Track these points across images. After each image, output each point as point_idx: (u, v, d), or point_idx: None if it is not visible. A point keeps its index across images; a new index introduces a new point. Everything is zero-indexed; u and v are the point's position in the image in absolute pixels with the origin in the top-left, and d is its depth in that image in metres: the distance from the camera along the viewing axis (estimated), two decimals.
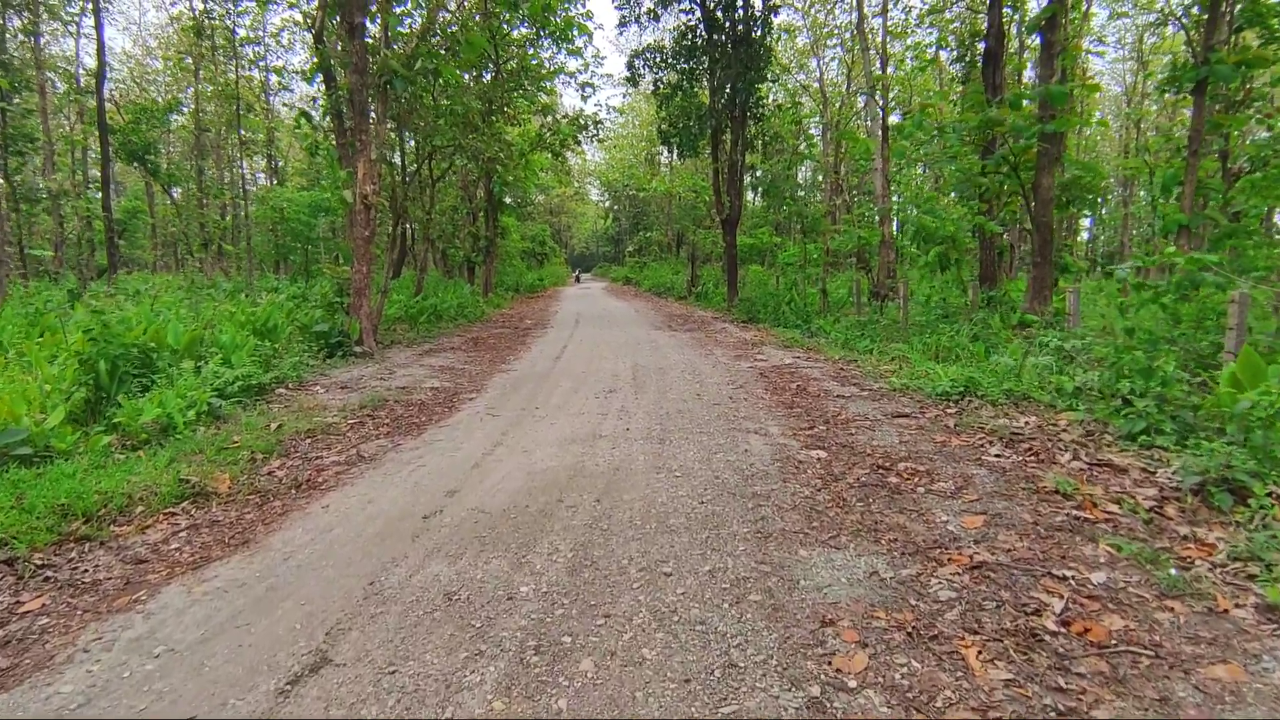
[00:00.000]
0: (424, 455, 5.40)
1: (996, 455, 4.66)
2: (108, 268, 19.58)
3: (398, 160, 19.46)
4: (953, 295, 13.94)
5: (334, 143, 14.05)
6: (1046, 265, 10.89)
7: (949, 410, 6.00)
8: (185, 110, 27.22)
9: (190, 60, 29.23)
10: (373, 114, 11.45)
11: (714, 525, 3.61)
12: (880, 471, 4.44)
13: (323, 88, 13.50)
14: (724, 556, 3.23)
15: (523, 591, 2.96)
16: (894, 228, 18.45)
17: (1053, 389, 6.05)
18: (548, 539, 3.53)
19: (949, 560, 3.11)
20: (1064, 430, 5.13)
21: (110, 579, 3.41)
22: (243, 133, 32.51)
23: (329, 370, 9.52)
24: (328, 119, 14.84)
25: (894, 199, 18.23)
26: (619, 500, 4.06)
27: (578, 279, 50.25)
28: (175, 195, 24.21)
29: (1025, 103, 11.34)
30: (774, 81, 21.96)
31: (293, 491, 4.66)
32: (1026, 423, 5.40)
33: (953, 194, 13.38)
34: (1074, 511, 3.58)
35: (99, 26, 19.60)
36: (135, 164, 22.81)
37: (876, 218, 19.95)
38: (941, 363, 8.01)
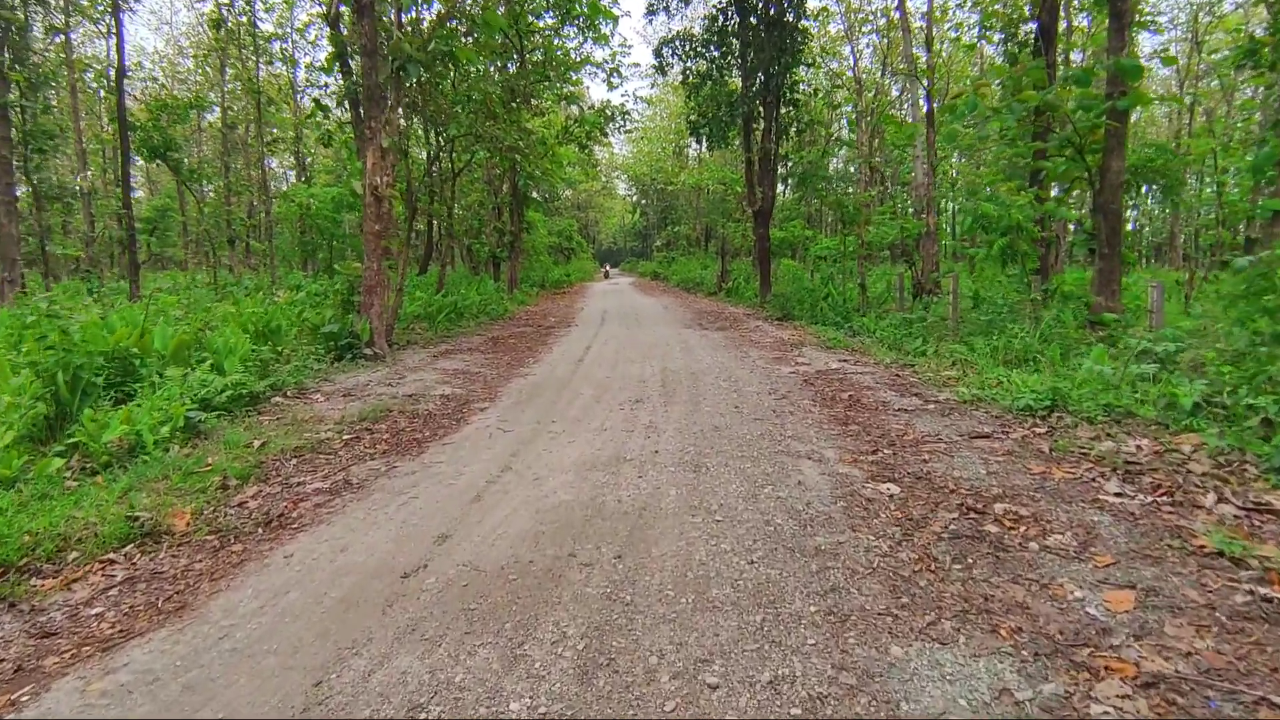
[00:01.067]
0: (419, 482, 4.63)
1: (1117, 494, 3.73)
2: (129, 266, 19.25)
3: (419, 153, 18.85)
4: (1009, 291, 12.86)
5: (352, 134, 13.42)
6: (1115, 257, 9.80)
7: (1037, 430, 5.06)
8: (214, 109, 26.98)
9: (216, 56, 29.07)
10: (388, 100, 10.76)
11: (770, 600, 2.77)
12: (973, 516, 3.55)
13: (341, 78, 12.88)
14: (788, 655, 2.38)
15: (512, 712, 2.15)
16: (937, 219, 17.30)
17: (1160, 403, 5.08)
18: (553, 616, 2.71)
19: (1106, 669, 2.23)
20: (1191, 459, 4.18)
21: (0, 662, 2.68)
22: (270, 129, 32.31)
23: (335, 375, 8.84)
24: (343, 109, 14.23)
25: (942, 188, 17.09)
26: (646, 556, 3.23)
27: (606, 274, 47.98)
28: (203, 193, 23.87)
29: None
30: (809, 66, 20.90)
31: (259, 531, 3.91)
32: (1139, 447, 4.45)
33: (1007, 181, 12.29)
34: (1257, 588, 2.67)
35: (118, 21, 19.27)
36: (157, 161, 22.52)
37: (915, 208, 18.84)
38: (1014, 368, 7.04)
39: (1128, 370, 5.53)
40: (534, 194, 31.81)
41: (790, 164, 21.21)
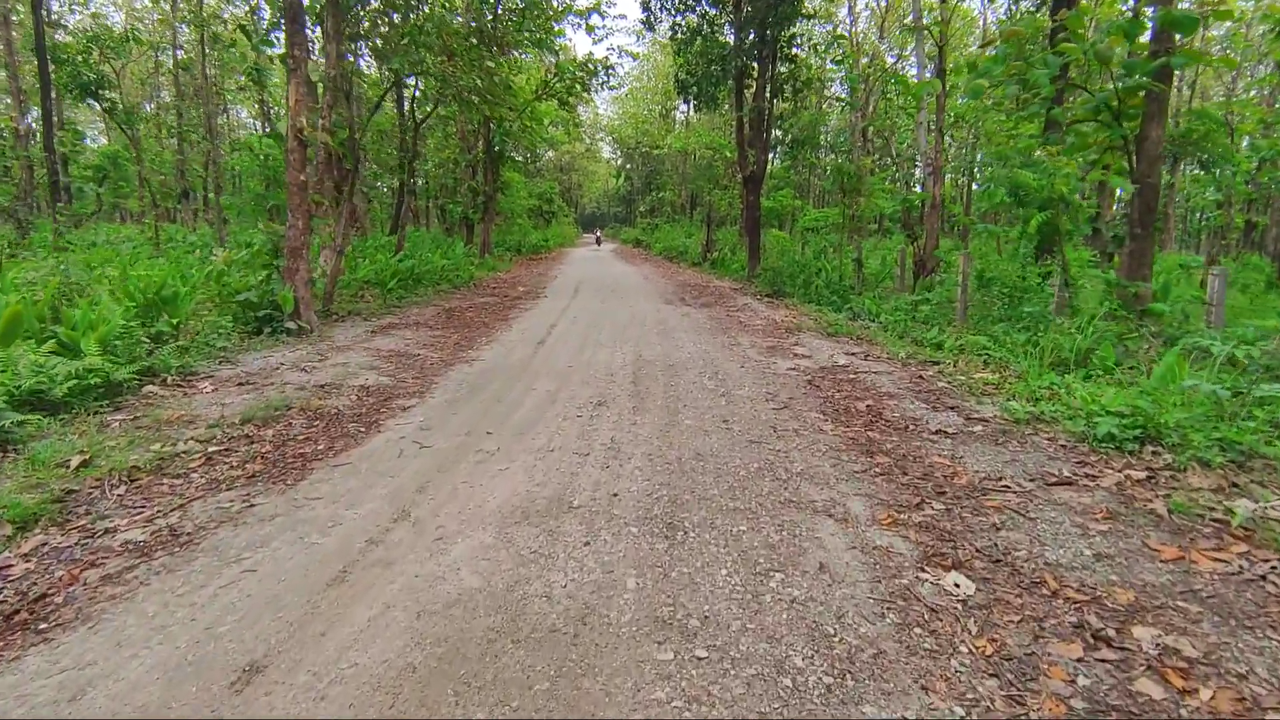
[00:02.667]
0: (273, 538, 3.22)
1: None
2: (52, 217, 17.32)
3: (376, 98, 16.98)
4: (1021, 272, 11.57)
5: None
6: (1148, 237, 8.50)
7: (1133, 473, 3.73)
8: (171, 49, 24.75)
9: None
10: (312, 30, 9.08)
11: None
12: (1107, 657, 2.21)
13: None
14: None
15: None
16: (944, 188, 15.89)
17: None
18: None
19: None
20: None
21: None
22: (232, 74, 29.88)
23: (242, 355, 7.34)
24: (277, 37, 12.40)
25: (957, 158, 15.65)
26: None
27: (599, 241, 42.22)
28: (135, 137, 21.78)
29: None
30: (807, 18, 19.20)
31: None
32: None
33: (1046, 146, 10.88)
34: None
35: None
36: (88, 100, 20.42)
37: (919, 177, 17.45)
38: (1064, 373, 5.72)
39: (1246, 392, 4.21)
40: (511, 153, 29.97)
41: (784, 125, 19.64)
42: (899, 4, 33.50)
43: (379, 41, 9.34)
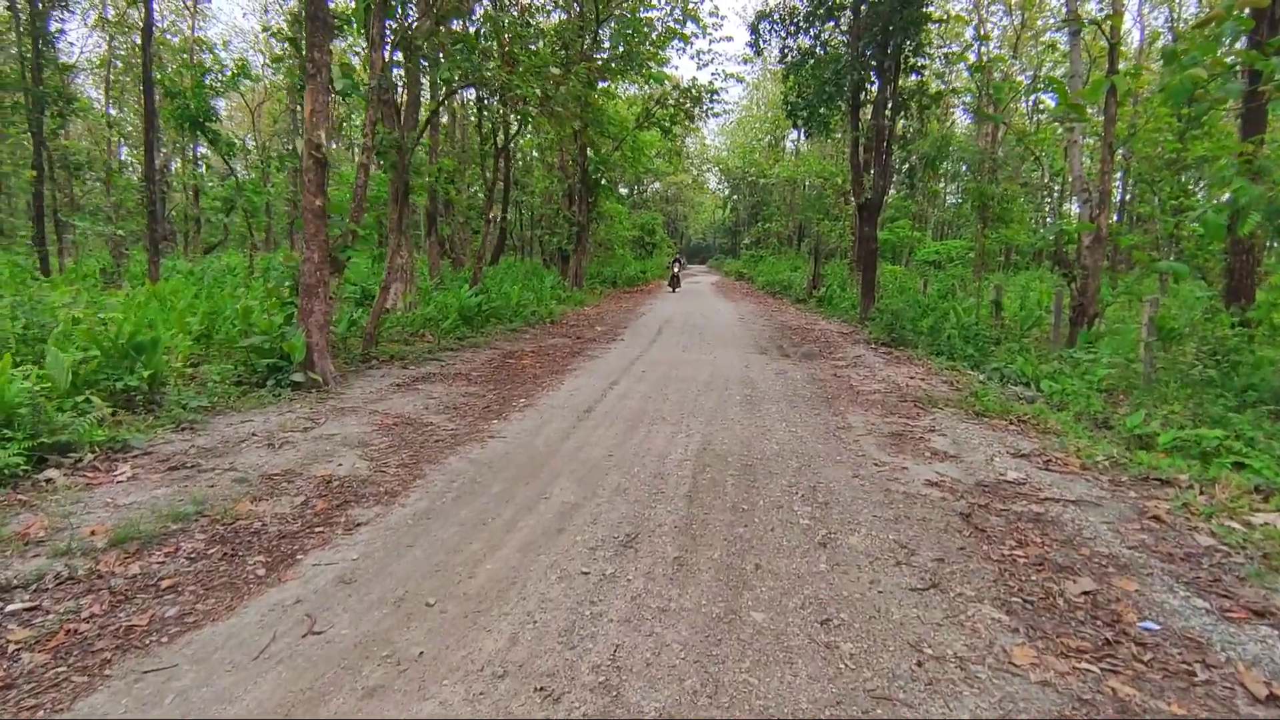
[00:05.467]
0: None
1: None
2: (149, 244, 17.32)
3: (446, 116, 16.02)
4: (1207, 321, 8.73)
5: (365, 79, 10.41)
6: None
7: None
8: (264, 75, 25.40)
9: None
10: (349, 24, 7.80)
11: None
12: None
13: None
14: None
15: None
16: (1112, 218, 12.97)
17: None
18: None
19: None
20: None
21: None
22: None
23: (215, 419, 5.93)
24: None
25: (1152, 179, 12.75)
26: None
27: (675, 280, 27.90)
28: (237, 168, 22.06)
29: None
30: (939, 23, 16.80)
31: None
32: None
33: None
34: None
35: None
36: (196, 131, 20.78)
37: (1076, 207, 14.53)
38: None
39: None
40: (607, 182, 28.87)
41: (907, 146, 17.16)
42: (1034, 22, 30.11)
43: (424, 45, 7.92)
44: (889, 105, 15.16)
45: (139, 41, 21.29)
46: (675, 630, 2.68)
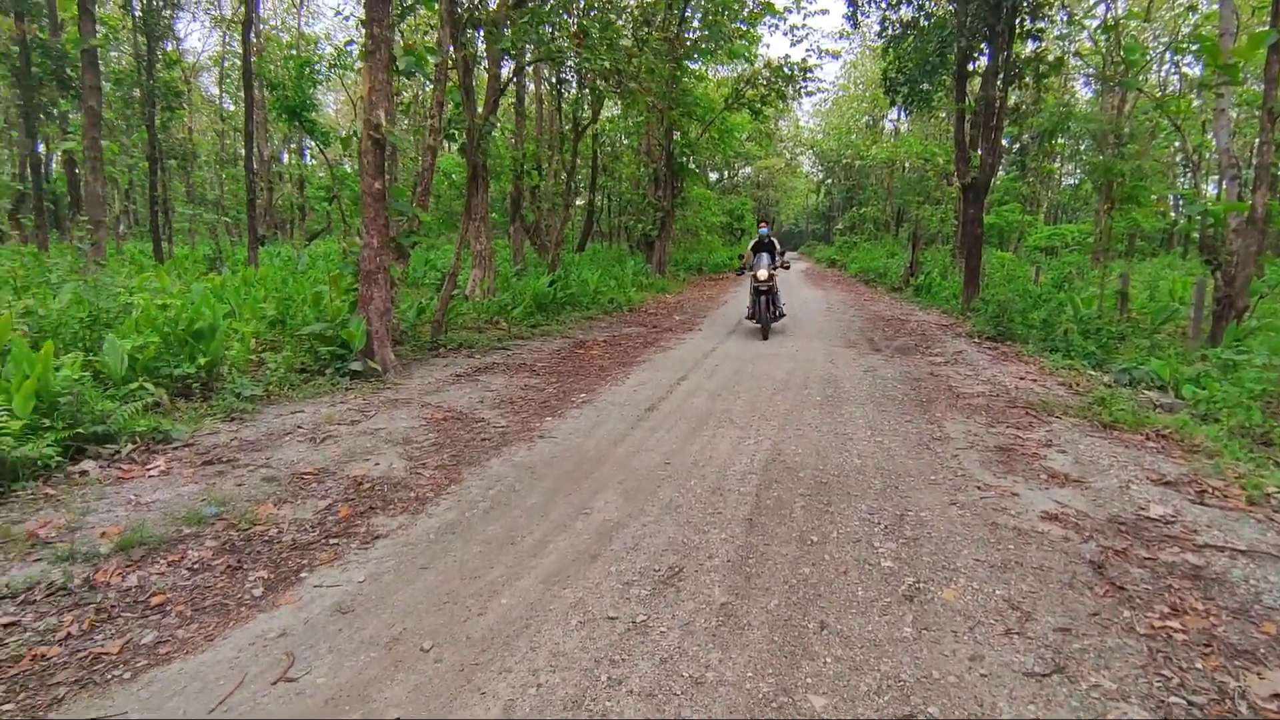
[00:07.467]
0: None
1: None
2: (249, 234, 17.99)
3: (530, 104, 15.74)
4: None
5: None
6: None
7: None
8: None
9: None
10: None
11: None
12: None
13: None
14: None
15: None
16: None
17: None
18: None
19: None
20: None
21: None
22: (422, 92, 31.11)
23: (267, 408, 5.77)
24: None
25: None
26: None
27: (748, 270, 11.27)
28: (337, 157, 22.74)
29: None
30: None
31: None
32: None
33: None
34: None
35: None
36: (295, 121, 21.49)
37: (1214, 186, 12.72)
38: None
39: None
40: (694, 167, 28.13)
41: (1021, 121, 15.59)
42: None
43: (487, 14, 7.52)
44: (1000, 75, 13.74)
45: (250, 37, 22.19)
46: (707, 713, 2.11)
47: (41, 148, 21.32)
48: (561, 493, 4.07)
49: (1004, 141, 16.54)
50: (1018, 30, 13.77)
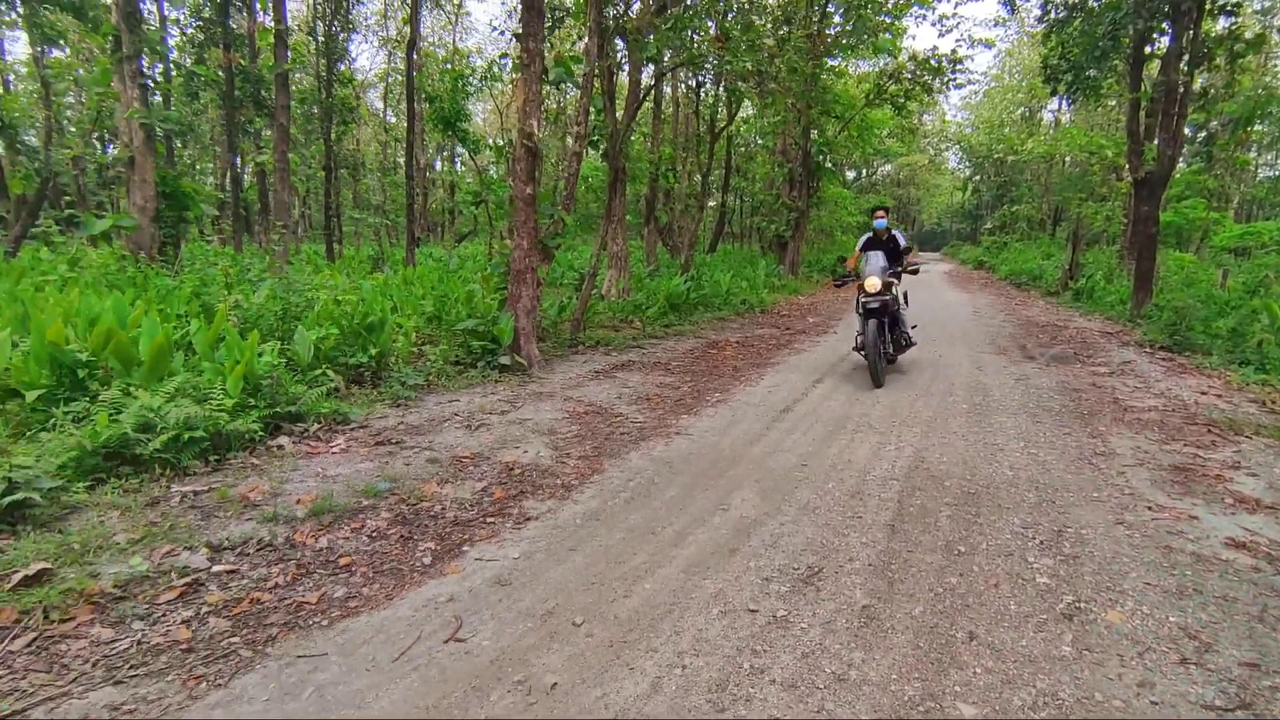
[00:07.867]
0: None
1: None
2: (407, 237, 19.54)
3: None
4: None
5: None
6: None
7: None
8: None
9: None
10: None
11: None
12: None
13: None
14: None
15: None
16: None
17: None
18: None
19: None
20: None
21: None
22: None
23: (428, 397, 6.30)
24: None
25: None
26: None
27: (854, 279, 7.84)
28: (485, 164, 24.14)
29: None
30: None
31: None
32: None
33: None
34: None
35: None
36: (448, 131, 23.04)
37: None
38: None
39: None
40: (831, 165, 27.43)
41: (1209, 108, 13.98)
42: None
43: (631, 23, 7.78)
44: (1184, 57, 12.41)
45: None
46: (852, 710, 2.13)
47: (237, 160, 24.25)
48: (699, 488, 4.18)
49: (1186, 131, 14.94)
50: (1208, 6, 12.38)
